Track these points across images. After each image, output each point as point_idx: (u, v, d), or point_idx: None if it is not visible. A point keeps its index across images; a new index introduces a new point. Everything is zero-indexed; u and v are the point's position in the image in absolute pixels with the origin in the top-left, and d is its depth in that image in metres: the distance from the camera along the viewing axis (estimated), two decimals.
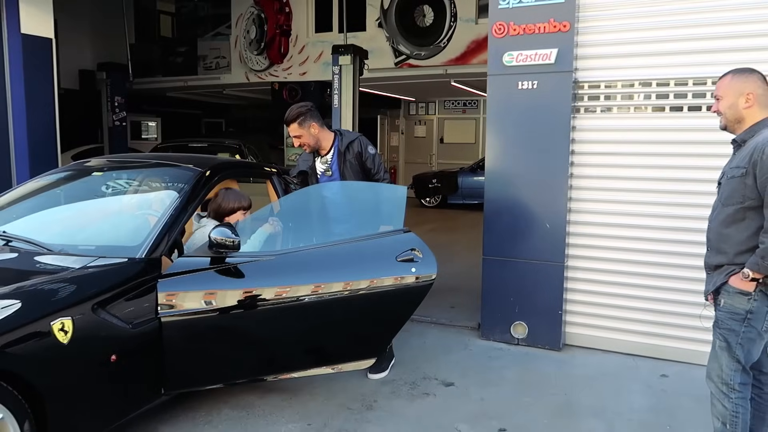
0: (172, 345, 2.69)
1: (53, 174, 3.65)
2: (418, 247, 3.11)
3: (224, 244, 2.73)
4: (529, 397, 3.39)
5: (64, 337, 2.20)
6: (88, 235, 3.05)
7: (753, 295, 2.27)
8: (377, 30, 10.59)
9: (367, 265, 3.06)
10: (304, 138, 3.55)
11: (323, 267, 3.01)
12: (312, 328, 3.02)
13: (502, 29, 4.05)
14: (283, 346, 3.03)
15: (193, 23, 12.88)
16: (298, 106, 3.58)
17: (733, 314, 2.32)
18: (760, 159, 2.18)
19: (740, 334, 2.31)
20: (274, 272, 2.91)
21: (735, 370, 2.34)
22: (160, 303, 2.64)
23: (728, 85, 2.38)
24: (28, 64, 6.64)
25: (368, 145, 3.61)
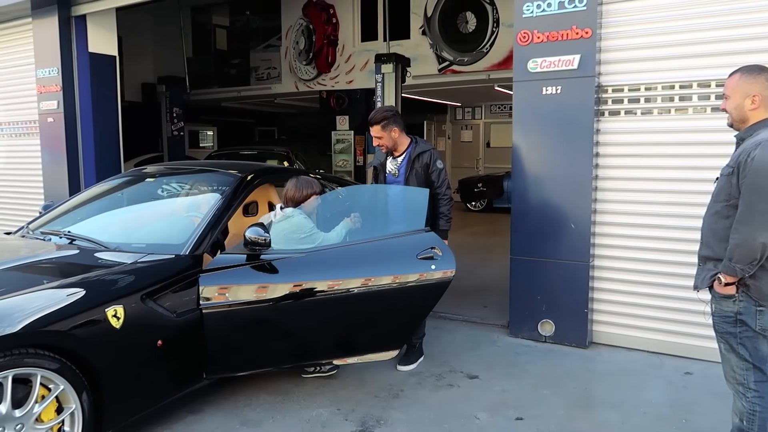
0: (212, 334, 3.00)
1: (112, 180, 4.08)
2: (438, 246, 3.31)
3: (257, 242, 3.01)
4: (548, 390, 3.52)
5: (117, 322, 2.53)
6: (140, 234, 3.42)
7: (737, 297, 2.33)
8: (421, 38, 10.79)
9: (389, 262, 3.29)
10: (384, 140, 3.83)
11: (349, 264, 3.26)
12: (339, 320, 3.27)
13: (527, 37, 4.20)
14: (312, 337, 3.30)
15: (246, 36, 13.45)
16: (383, 110, 3.87)
17: (724, 318, 2.40)
18: (744, 161, 2.25)
19: (737, 335, 2.36)
20: (303, 268, 3.18)
21: (746, 369, 2.37)
22: (201, 295, 2.95)
23: (735, 86, 2.40)
24: (94, 80, 7.22)
25: (437, 160, 3.81)
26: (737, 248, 2.26)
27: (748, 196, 2.24)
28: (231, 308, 3.05)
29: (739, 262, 2.27)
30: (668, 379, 3.65)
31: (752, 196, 2.23)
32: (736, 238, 2.26)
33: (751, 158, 2.23)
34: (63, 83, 7.09)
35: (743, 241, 2.24)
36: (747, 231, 2.23)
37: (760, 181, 2.21)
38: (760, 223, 2.21)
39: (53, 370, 2.35)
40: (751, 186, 2.23)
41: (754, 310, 2.32)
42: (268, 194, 4.22)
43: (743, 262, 2.26)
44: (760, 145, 2.23)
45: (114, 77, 7.46)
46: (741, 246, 2.25)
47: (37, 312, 2.33)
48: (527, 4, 4.17)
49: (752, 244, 2.22)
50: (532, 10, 4.16)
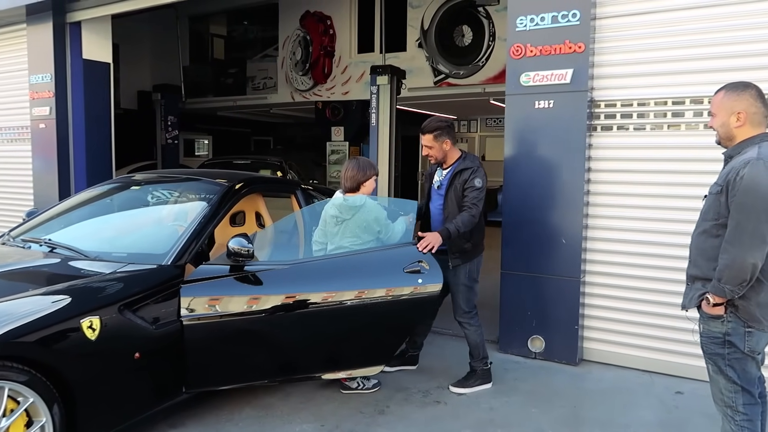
0: (192, 346, 2.93)
1: (98, 187, 4.02)
2: (425, 259, 3.26)
3: (240, 253, 2.95)
4: (537, 408, 3.45)
5: (92, 334, 2.47)
6: (122, 243, 3.37)
7: (725, 318, 2.29)
8: (417, 50, 10.81)
9: (375, 275, 3.23)
10: (434, 151, 3.65)
11: (334, 276, 3.20)
12: (323, 334, 3.21)
13: (520, 51, 4.18)
14: (296, 351, 3.24)
15: (243, 46, 13.48)
16: (437, 120, 3.66)
17: (713, 338, 2.35)
18: (733, 180, 2.22)
19: (725, 357, 2.31)
20: (288, 281, 3.12)
21: (734, 391, 2.33)
22: (182, 307, 2.89)
23: (720, 103, 2.37)
24: (88, 87, 7.19)
25: (476, 178, 3.55)
26: (726, 269, 2.22)
27: (738, 216, 2.20)
28: (212, 320, 2.98)
29: (728, 283, 2.22)
30: (659, 398, 3.59)
31: (741, 216, 2.19)
32: (726, 259, 2.22)
33: (740, 177, 2.20)
34: (56, 89, 7.06)
35: (732, 261, 2.20)
36: (736, 251, 2.19)
37: (749, 201, 2.18)
38: (750, 244, 2.17)
39: (21, 382, 2.28)
40: (740, 205, 2.20)
41: (742, 331, 2.28)
42: (256, 204, 4.17)
43: (733, 283, 2.21)
44: (749, 164, 2.20)
45: (108, 84, 7.43)
46: (730, 266, 2.20)
47: (6, 323, 2.27)
48: (520, 17, 4.15)
49: (742, 264, 2.18)
50: (525, 23, 4.14)
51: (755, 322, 2.26)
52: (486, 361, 3.77)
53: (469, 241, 3.63)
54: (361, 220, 3.39)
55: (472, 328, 3.71)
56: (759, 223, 2.16)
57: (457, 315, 3.75)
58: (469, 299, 3.71)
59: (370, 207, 3.43)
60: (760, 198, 2.16)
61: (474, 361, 3.76)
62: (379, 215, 3.43)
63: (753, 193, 2.16)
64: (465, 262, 3.66)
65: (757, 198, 2.16)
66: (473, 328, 3.71)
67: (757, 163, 2.18)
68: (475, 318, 3.73)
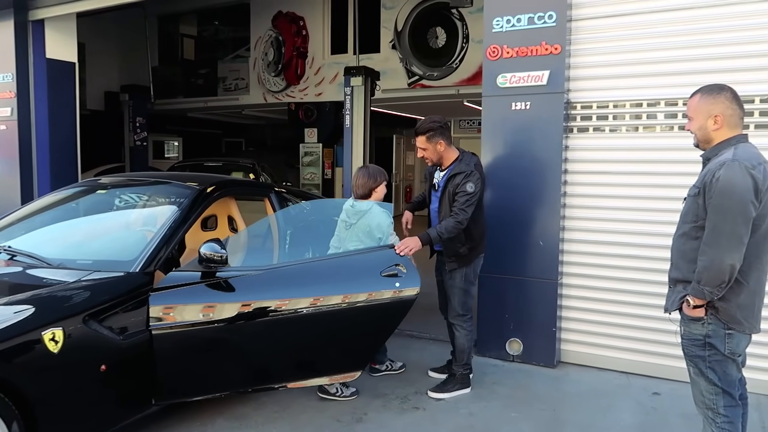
0: (162, 357, 2.80)
1: (62, 191, 3.85)
2: (402, 263, 3.19)
3: (213, 259, 2.85)
4: (517, 413, 3.42)
5: (55, 346, 2.33)
6: (87, 249, 3.22)
7: (705, 320, 2.29)
8: (391, 51, 10.76)
9: (351, 279, 3.16)
10: (428, 152, 3.57)
11: (309, 282, 3.11)
12: (298, 340, 3.12)
13: (496, 52, 4.16)
14: (270, 359, 3.14)
15: (214, 46, 13.25)
16: (430, 120, 3.55)
17: (693, 341, 2.35)
18: (710, 182, 2.22)
19: (706, 359, 2.31)
20: (262, 287, 3.02)
21: (715, 393, 2.32)
22: (150, 316, 2.76)
23: (697, 107, 2.37)
24: (52, 87, 6.97)
25: (468, 183, 3.42)
26: (705, 271, 2.21)
27: (714, 218, 2.20)
28: (183, 329, 2.86)
29: (707, 285, 2.22)
30: (637, 400, 3.59)
31: (718, 218, 2.20)
32: (704, 261, 2.22)
33: (716, 179, 2.20)
34: (18, 90, 6.83)
35: (711, 263, 2.20)
36: (714, 253, 2.19)
37: (725, 202, 2.18)
38: (727, 245, 2.17)
39: None
40: (716, 207, 2.20)
41: (723, 333, 2.27)
42: (228, 208, 4.05)
43: (711, 285, 2.21)
44: (724, 166, 2.20)
45: (73, 84, 7.21)
46: (709, 268, 2.20)
47: None
48: (497, 18, 4.13)
49: (720, 266, 2.18)
50: (501, 24, 4.11)
51: (736, 324, 2.26)
52: (467, 368, 3.72)
53: (465, 245, 3.56)
54: (365, 224, 3.41)
55: (463, 332, 3.66)
56: (735, 224, 2.17)
57: (451, 316, 3.70)
58: (465, 302, 3.66)
59: (374, 213, 3.43)
60: (736, 199, 2.16)
61: (456, 365, 3.70)
62: (381, 222, 3.42)
63: (729, 195, 2.17)
64: (461, 266, 3.61)
65: (733, 199, 2.17)
66: (464, 332, 3.66)
67: (732, 164, 2.18)
68: (468, 322, 3.68)
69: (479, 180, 3.48)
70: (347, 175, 8.72)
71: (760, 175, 2.18)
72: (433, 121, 3.55)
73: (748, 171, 2.16)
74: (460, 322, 3.65)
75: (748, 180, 2.15)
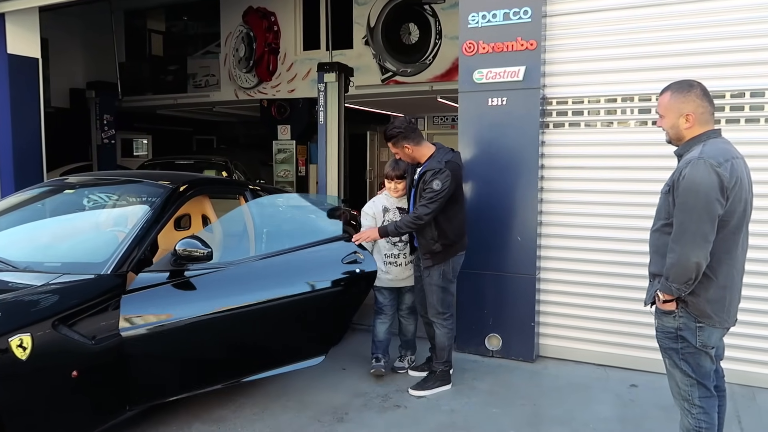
0: (134, 360, 2.72)
1: (27, 191, 3.70)
2: (359, 251, 3.42)
3: (193, 256, 2.81)
4: (497, 408, 3.42)
5: (23, 353, 2.23)
6: (55, 251, 3.10)
7: (677, 313, 2.31)
8: (364, 48, 10.69)
9: (317, 269, 3.30)
10: (401, 155, 3.64)
11: (276, 275, 3.14)
12: (268, 332, 3.15)
13: (472, 48, 4.14)
14: (241, 352, 3.15)
15: (183, 42, 12.98)
16: (393, 126, 3.58)
17: (666, 333, 2.37)
18: (677, 179, 2.24)
19: (679, 351, 2.34)
20: (229, 283, 3.02)
21: (690, 385, 2.34)
22: (122, 318, 2.67)
23: (668, 105, 2.37)
24: (14, 84, 6.71)
25: (435, 180, 3.43)
26: (672, 267, 2.23)
27: (680, 215, 2.22)
28: (154, 330, 2.78)
29: (675, 282, 2.24)
30: (615, 393, 3.63)
31: (684, 216, 2.21)
32: (671, 258, 2.24)
33: (682, 177, 2.21)
34: None
35: (677, 260, 2.22)
36: (680, 250, 2.21)
37: (690, 201, 2.19)
38: (692, 243, 2.18)
39: None
40: (682, 205, 2.21)
41: (693, 326, 2.30)
42: (202, 207, 3.96)
43: (678, 282, 2.23)
44: (690, 164, 2.21)
45: (36, 81, 6.95)
46: (675, 266, 2.22)
47: None
48: (472, 14, 4.11)
49: (686, 264, 2.19)
50: (477, 20, 4.10)
51: (705, 318, 2.28)
52: (448, 365, 3.70)
53: (437, 241, 3.54)
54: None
55: (443, 330, 3.64)
56: (700, 222, 2.17)
57: (431, 314, 3.67)
58: (444, 300, 3.64)
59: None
60: (701, 198, 2.17)
61: (436, 363, 3.69)
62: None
63: (694, 193, 2.18)
64: (437, 263, 3.58)
65: (698, 198, 2.17)
66: (445, 330, 3.64)
67: (698, 162, 2.19)
68: (449, 320, 3.66)
69: (448, 178, 3.43)
70: (322, 172, 8.65)
71: (726, 173, 2.18)
72: (394, 128, 3.57)
73: (714, 169, 2.16)
74: (441, 320, 3.63)
75: (713, 178, 2.16)
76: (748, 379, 3.65)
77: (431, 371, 3.71)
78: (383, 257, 3.83)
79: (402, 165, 3.76)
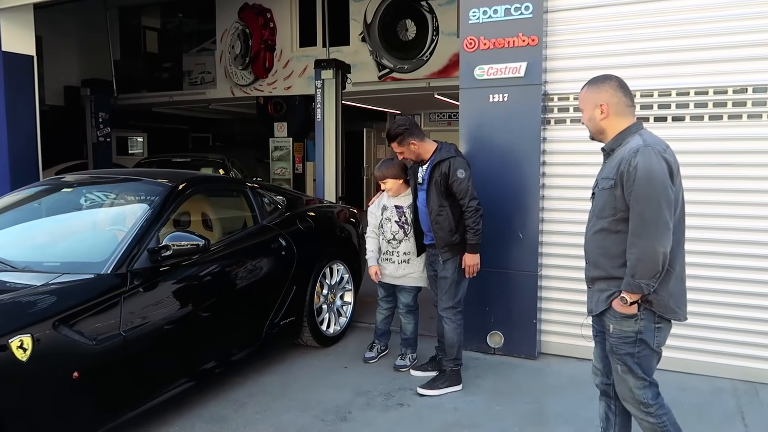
0: (135, 359, 2.69)
1: (25, 190, 3.66)
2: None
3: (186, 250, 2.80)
4: (501, 406, 3.40)
5: (23, 354, 2.20)
6: (54, 251, 3.06)
7: (639, 316, 2.21)
8: (361, 44, 10.67)
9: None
10: (405, 153, 3.65)
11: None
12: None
13: (473, 44, 4.11)
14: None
15: (179, 39, 12.93)
16: (397, 125, 3.61)
17: (625, 338, 2.25)
18: (627, 171, 2.15)
19: (635, 355, 2.25)
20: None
21: (643, 387, 2.26)
22: (124, 318, 2.64)
23: (584, 98, 2.34)
24: (9, 81, 6.66)
25: (458, 169, 3.46)
26: (639, 263, 2.12)
27: (639, 207, 2.13)
28: (151, 327, 2.79)
29: (643, 278, 2.12)
30: None
31: (643, 206, 2.12)
32: (636, 253, 2.13)
33: (633, 167, 2.13)
34: None
35: (643, 254, 2.11)
36: (645, 243, 2.11)
37: (648, 190, 2.11)
38: (656, 233, 2.10)
39: None
40: (638, 196, 2.12)
41: (653, 328, 2.22)
42: (201, 205, 3.92)
43: (647, 276, 2.12)
44: (638, 152, 2.13)
45: (31, 79, 6.90)
46: (642, 260, 2.12)
47: None
48: (473, 9, 4.08)
49: (653, 255, 2.10)
50: (478, 16, 4.07)
51: (670, 312, 2.22)
52: (458, 363, 3.67)
53: (456, 233, 3.54)
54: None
55: (453, 325, 3.61)
56: (660, 209, 2.10)
57: (440, 308, 3.66)
58: (456, 294, 3.62)
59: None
60: (658, 184, 2.11)
61: (446, 361, 3.65)
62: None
63: (650, 181, 2.11)
64: (455, 255, 3.58)
65: (655, 185, 2.11)
66: (454, 326, 3.61)
67: (646, 149, 2.14)
68: (458, 315, 3.63)
69: (464, 162, 3.55)
70: (319, 169, 8.62)
71: (672, 158, 2.16)
72: (399, 126, 3.60)
73: (661, 155, 2.13)
74: (451, 314, 3.60)
75: (663, 164, 2.12)
76: (751, 375, 3.64)
77: (442, 370, 3.67)
78: (381, 254, 3.95)
79: (390, 166, 3.83)
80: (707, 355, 3.73)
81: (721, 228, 3.69)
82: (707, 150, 3.72)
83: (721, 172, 3.69)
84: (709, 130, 3.70)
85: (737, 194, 3.66)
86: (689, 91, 3.72)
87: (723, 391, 3.54)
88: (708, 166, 3.70)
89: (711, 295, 3.68)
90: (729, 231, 3.68)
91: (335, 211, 5.08)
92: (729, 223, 3.68)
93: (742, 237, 3.66)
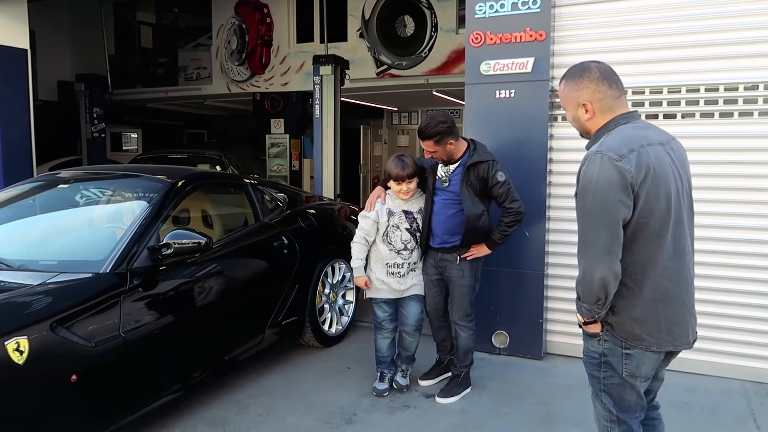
0: (136, 361, 2.61)
1: (19, 186, 3.55)
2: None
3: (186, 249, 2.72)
4: (509, 408, 3.34)
5: (20, 357, 2.11)
6: (51, 249, 2.96)
7: (602, 336, 1.95)
8: (359, 40, 10.55)
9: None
10: (439, 153, 3.29)
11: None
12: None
13: (479, 38, 4.04)
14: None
15: (174, 34, 12.77)
16: (437, 122, 3.23)
17: (590, 358, 2.03)
18: (576, 179, 1.93)
19: (601, 381, 1.98)
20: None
21: (609, 421, 1.99)
22: (123, 318, 2.55)
23: (564, 96, 2.03)
24: (2, 75, 6.53)
25: (498, 172, 3.25)
26: (579, 285, 1.89)
27: (580, 222, 1.89)
28: (151, 328, 2.71)
29: (585, 302, 1.89)
30: None
31: (583, 222, 1.87)
32: (578, 274, 1.89)
33: (578, 177, 1.87)
34: None
35: (582, 276, 1.87)
36: (584, 264, 1.86)
37: (586, 204, 1.84)
38: (594, 254, 1.82)
39: None
40: (579, 210, 1.88)
41: (620, 353, 1.91)
42: (201, 202, 3.83)
43: (589, 302, 1.87)
44: (586, 161, 1.85)
45: (25, 73, 6.77)
46: (581, 282, 1.87)
47: None
48: (479, 4, 4.00)
49: (590, 280, 1.83)
50: (484, 10, 3.99)
51: (636, 340, 1.89)
52: (471, 365, 3.56)
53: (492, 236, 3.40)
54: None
55: (469, 332, 3.47)
56: (597, 227, 1.81)
57: (457, 317, 3.45)
58: (472, 301, 3.47)
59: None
60: (598, 199, 1.80)
61: (460, 366, 3.52)
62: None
63: (590, 194, 1.82)
64: (474, 260, 3.42)
65: (595, 200, 1.81)
66: (470, 332, 3.48)
67: (594, 158, 1.82)
68: (473, 322, 3.50)
69: (501, 165, 3.33)
70: (317, 166, 8.53)
71: (630, 166, 1.78)
72: (439, 123, 3.23)
73: (613, 163, 1.77)
74: (467, 322, 3.46)
75: (612, 174, 1.77)
76: (761, 376, 3.60)
77: (454, 375, 3.55)
78: (385, 267, 3.43)
79: (410, 163, 3.38)
80: (717, 356, 3.68)
81: (731, 227, 3.64)
82: (716, 147, 3.66)
83: (732, 170, 3.64)
84: (719, 127, 3.65)
85: (748, 192, 3.61)
86: (699, 87, 3.66)
87: (733, 393, 3.49)
88: (718, 164, 3.65)
89: (721, 295, 3.63)
90: (738, 230, 3.63)
91: (336, 209, 5.01)
92: (738, 222, 3.63)
93: (752, 236, 3.61)
